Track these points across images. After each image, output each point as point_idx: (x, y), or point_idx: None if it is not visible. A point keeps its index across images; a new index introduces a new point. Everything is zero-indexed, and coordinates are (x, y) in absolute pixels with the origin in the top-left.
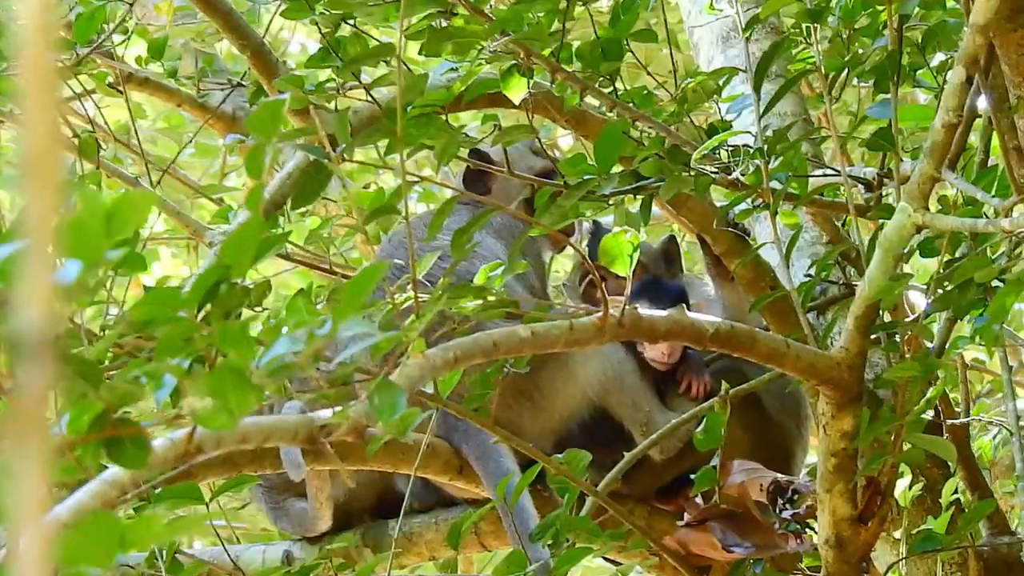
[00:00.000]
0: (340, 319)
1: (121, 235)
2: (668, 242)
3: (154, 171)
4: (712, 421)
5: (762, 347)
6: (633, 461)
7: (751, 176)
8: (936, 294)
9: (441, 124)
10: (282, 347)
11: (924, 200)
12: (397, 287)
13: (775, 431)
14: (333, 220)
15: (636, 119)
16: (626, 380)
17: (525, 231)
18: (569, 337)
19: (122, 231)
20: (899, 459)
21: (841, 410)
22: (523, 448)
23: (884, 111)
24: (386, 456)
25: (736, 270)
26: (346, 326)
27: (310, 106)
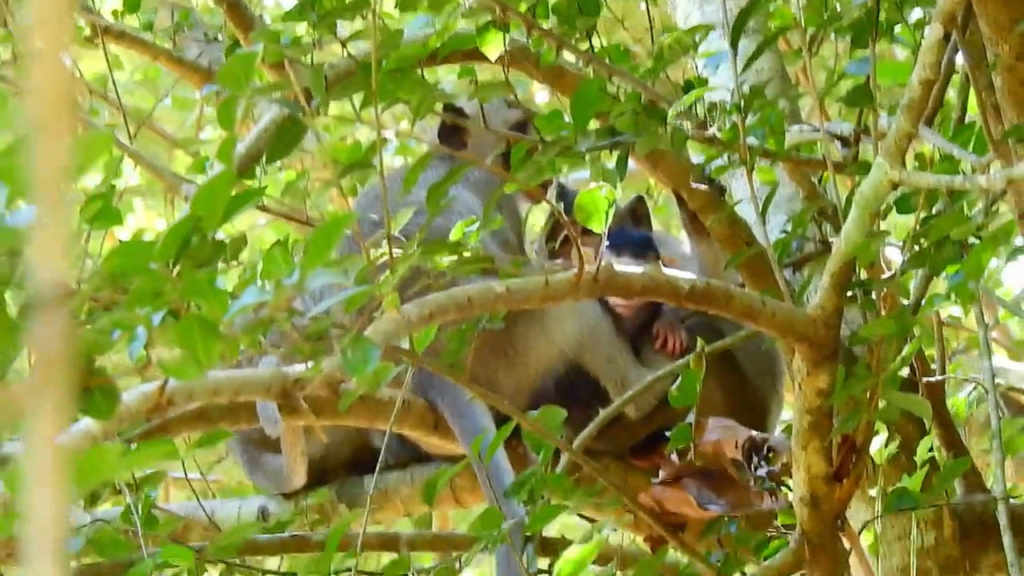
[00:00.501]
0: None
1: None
2: (636, 202)
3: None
4: (687, 378)
5: (738, 304)
6: (608, 418)
7: (728, 132)
8: (912, 251)
9: (417, 79)
10: (250, 297)
11: (901, 157)
12: (372, 242)
13: (750, 388)
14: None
15: (612, 75)
16: (602, 337)
17: (500, 186)
18: (544, 293)
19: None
20: (874, 417)
21: (816, 367)
22: (498, 404)
23: (862, 68)
24: (361, 412)
25: (712, 226)
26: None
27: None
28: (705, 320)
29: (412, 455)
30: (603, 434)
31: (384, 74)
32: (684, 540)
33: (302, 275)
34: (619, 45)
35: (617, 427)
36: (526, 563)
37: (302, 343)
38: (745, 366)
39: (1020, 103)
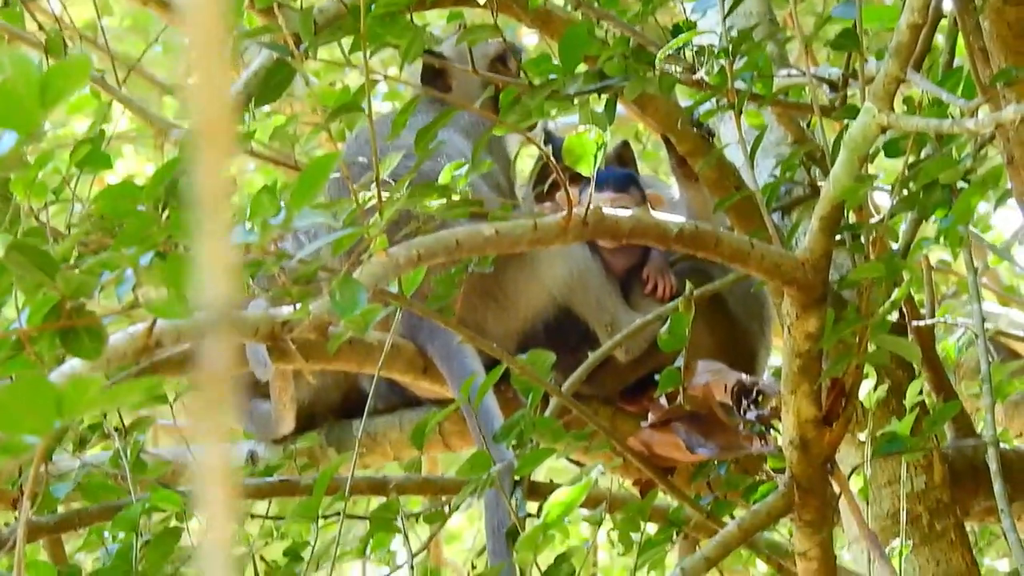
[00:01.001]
0: (294, 208)
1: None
2: (622, 147)
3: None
4: (676, 322)
5: (726, 246)
6: (597, 362)
7: (716, 76)
8: (901, 195)
9: (406, 23)
10: (237, 237)
11: (889, 101)
12: (360, 185)
13: (739, 332)
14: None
15: (601, 18)
16: (591, 280)
17: (488, 130)
18: (533, 236)
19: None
20: (864, 360)
21: (806, 311)
22: (487, 348)
23: (849, 11)
24: (350, 355)
25: (701, 170)
26: (300, 215)
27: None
28: (694, 264)
29: (401, 399)
30: (592, 378)
31: (373, 18)
32: (673, 484)
33: (288, 215)
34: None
35: (606, 371)
36: (515, 506)
37: (290, 285)
38: (734, 310)
39: (1008, 47)
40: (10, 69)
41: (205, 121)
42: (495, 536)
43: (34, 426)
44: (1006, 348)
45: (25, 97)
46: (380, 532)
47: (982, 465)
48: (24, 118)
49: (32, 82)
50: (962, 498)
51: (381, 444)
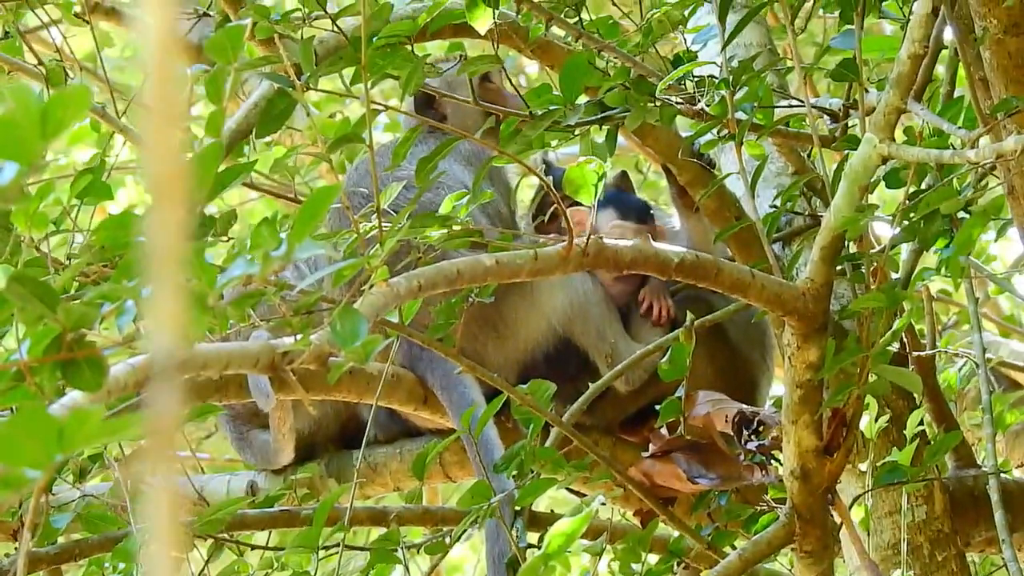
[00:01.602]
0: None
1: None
2: (620, 178)
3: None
4: (677, 352)
5: (727, 277)
6: (598, 392)
7: (716, 107)
8: (902, 225)
9: (406, 54)
10: (238, 269)
11: (890, 131)
12: (361, 216)
13: (740, 362)
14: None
15: (601, 49)
16: (591, 310)
17: (489, 160)
18: (533, 266)
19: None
20: (865, 391)
21: (806, 341)
22: (488, 378)
23: (849, 42)
24: (350, 386)
25: (701, 200)
26: (301, 247)
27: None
28: (695, 293)
29: (401, 429)
30: (593, 408)
31: (374, 49)
32: (674, 514)
33: (290, 246)
34: (608, 19)
35: (607, 401)
36: (516, 537)
37: (291, 316)
38: (735, 340)
39: (1009, 76)
40: (11, 100)
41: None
42: (496, 567)
43: (34, 459)
44: (1007, 378)
45: (26, 128)
46: (381, 563)
47: (983, 495)
48: (25, 149)
49: (33, 113)
50: (963, 528)
51: (381, 474)
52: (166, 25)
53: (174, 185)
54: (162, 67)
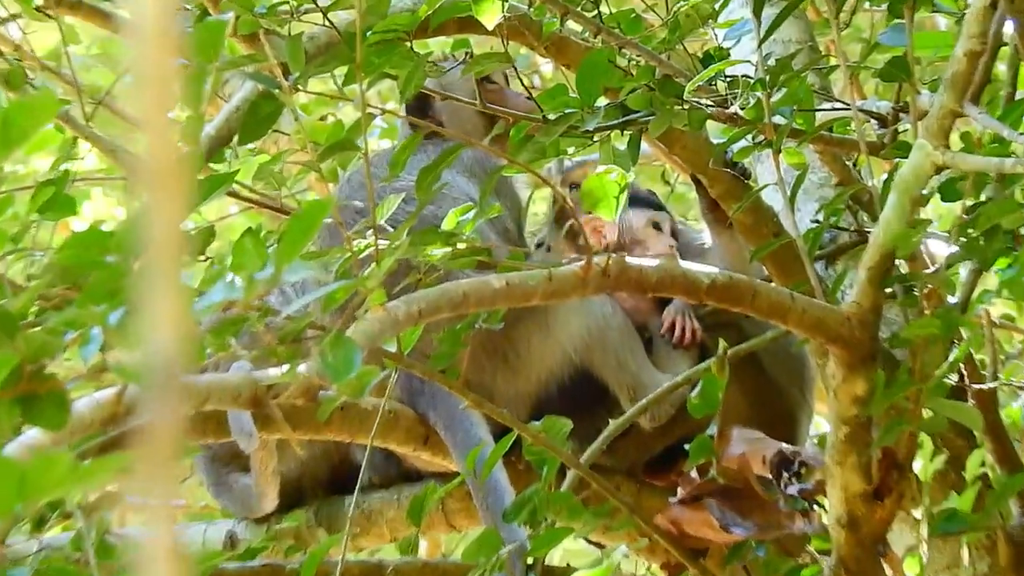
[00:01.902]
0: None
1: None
2: None
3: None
4: (708, 384)
5: (764, 301)
6: (620, 430)
7: (751, 110)
8: (959, 242)
9: (405, 52)
10: (219, 293)
11: (944, 137)
12: (355, 232)
13: (778, 396)
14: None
15: (623, 46)
16: (612, 337)
17: (498, 169)
18: (548, 288)
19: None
20: (919, 428)
21: (853, 372)
22: (496, 414)
23: (899, 38)
24: (342, 423)
25: (735, 215)
26: (290, 268)
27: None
28: (726, 319)
29: (399, 472)
30: (614, 448)
31: (369, 46)
32: (706, 567)
33: (277, 268)
34: (631, 12)
35: (630, 440)
36: None
37: (276, 345)
38: (772, 371)
39: None
40: None
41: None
42: None
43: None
44: None
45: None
46: None
47: None
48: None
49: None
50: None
51: (376, 523)
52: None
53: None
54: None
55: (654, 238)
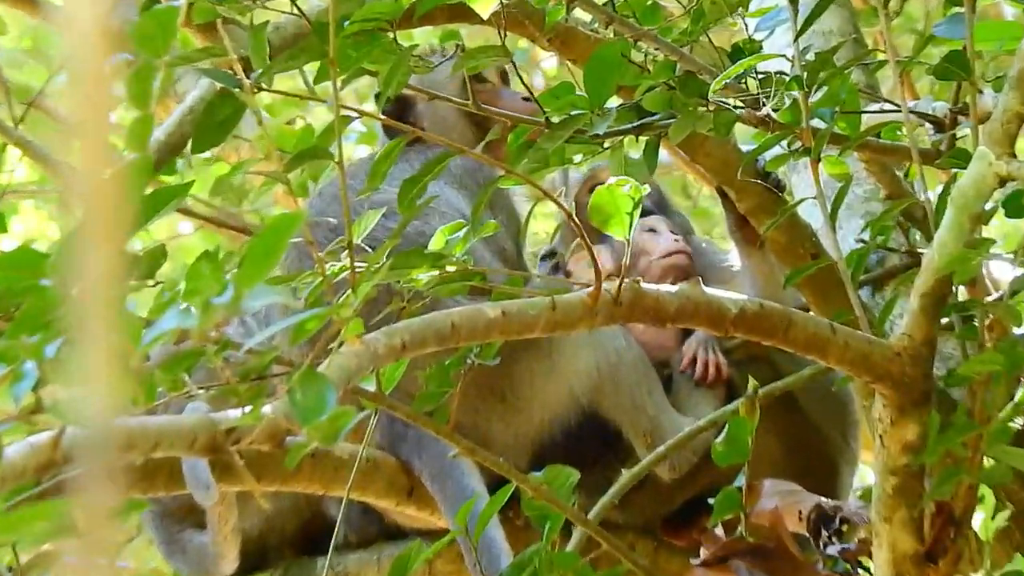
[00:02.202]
0: (245, 285)
1: None
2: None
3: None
4: (736, 429)
5: (800, 332)
6: (634, 481)
7: (786, 113)
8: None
9: (387, 44)
10: (170, 321)
11: (1010, 144)
12: (328, 253)
13: (817, 442)
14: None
15: (638, 38)
16: (625, 375)
17: (493, 181)
18: (551, 319)
19: None
20: (979, 479)
21: (903, 415)
22: (491, 463)
23: (957, 29)
24: (313, 473)
25: (767, 233)
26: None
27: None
28: (758, 353)
29: (379, 529)
30: (628, 501)
31: (344, 38)
32: None
33: (237, 293)
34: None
35: (646, 492)
36: None
37: (237, 383)
38: (810, 413)
39: None
40: None
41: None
42: None
43: None
44: None
45: None
46: None
47: None
48: None
49: None
50: None
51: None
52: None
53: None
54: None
55: (652, 242)
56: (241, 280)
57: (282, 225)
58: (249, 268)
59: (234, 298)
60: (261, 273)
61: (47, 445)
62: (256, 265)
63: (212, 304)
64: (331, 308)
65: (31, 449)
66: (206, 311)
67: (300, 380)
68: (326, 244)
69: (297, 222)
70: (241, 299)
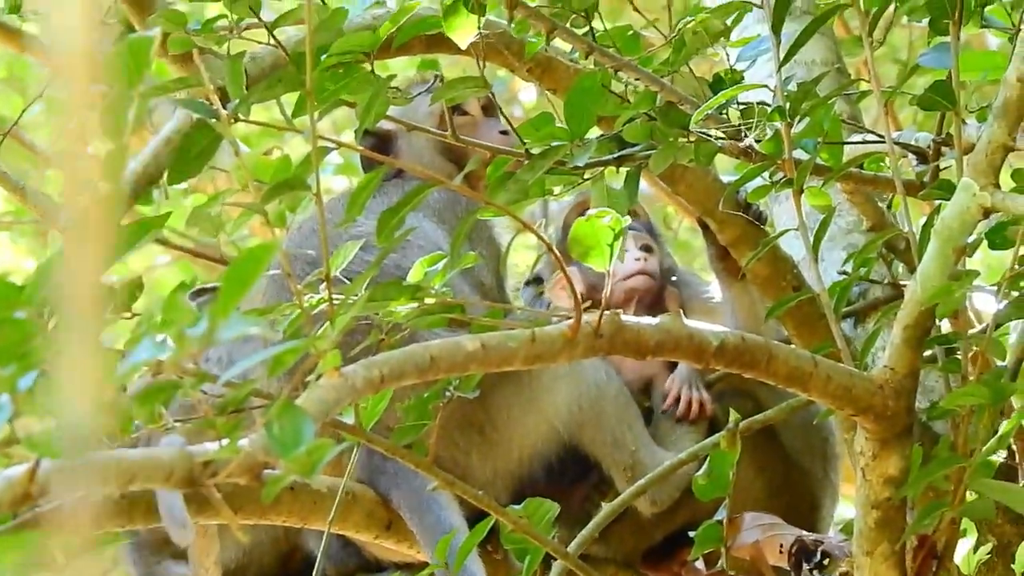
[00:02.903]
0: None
1: None
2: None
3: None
4: (717, 462)
5: (782, 365)
6: (615, 514)
7: (768, 143)
8: (1010, 297)
9: (365, 75)
10: (145, 352)
11: (994, 175)
12: (306, 285)
13: (797, 475)
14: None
15: (619, 68)
16: (606, 409)
17: (473, 213)
18: (531, 351)
19: None
20: (961, 512)
21: (885, 448)
22: (471, 496)
23: (942, 59)
24: (292, 506)
25: (748, 265)
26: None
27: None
28: (739, 385)
29: (358, 563)
30: (608, 535)
31: (322, 69)
32: None
33: (212, 323)
34: (627, 29)
35: (626, 526)
36: None
37: (214, 415)
38: (791, 447)
39: None
40: None
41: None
42: None
43: None
44: None
45: None
46: None
47: None
48: None
49: None
50: None
51: None
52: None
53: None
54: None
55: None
56: (217, 310)
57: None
58: (225, 298)
59: (209, 329)
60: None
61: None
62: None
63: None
64: (308, 340)
65: (6, 482)
66: (181, 342)
67: (277, 413)
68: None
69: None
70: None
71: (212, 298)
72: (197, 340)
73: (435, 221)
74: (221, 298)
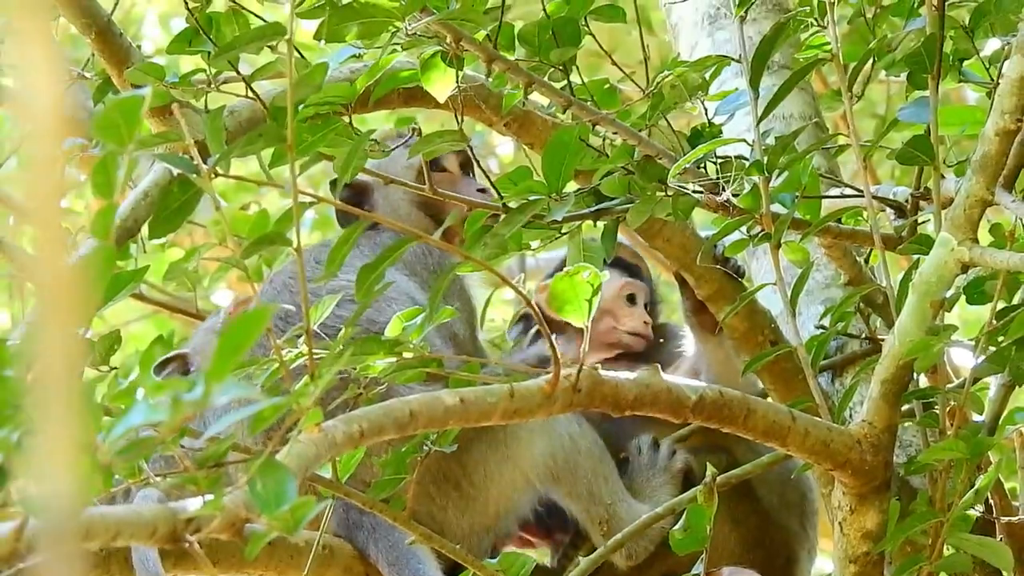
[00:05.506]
0: (214, 380)
1: None
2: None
3: None
4: (694, 516)
5: (760, 420)
6: (591, 568)
7: (746, 197)
8: (987, 353)
9: (343, 128)
10: (139, 416)
11: (972, 229)
12: (285, 340)
13: (774, 530)
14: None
15: (596, 123)
16: (581, 463)
17: (452, 268)
18: (509, 407)
19: None
20: (939, 567)
21: (863, 503)
22: (448, 550)
23: (921, 114)
24: (269, 560)
25: (726, 320)
26: (223, 388)
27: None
28: (716, 440)
29: None
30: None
31: (301, 122)
32: None
33: (207, 388)
34: (605, 82)
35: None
36: None
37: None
38: (768, 501)
39: None
40: None
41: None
42: None
43: None
44: None
45: None
46: None
47: None
48: None
49: None
50: None
51: None
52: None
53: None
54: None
55: (625, 310)
56: (211, 375)
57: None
58: (218, 363)
59: (204, 394)
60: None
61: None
62: (225, 359)
63: (182, 400)
64: (291, 397)
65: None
66: (175, 407)
67: (260, 469)
68: (279, 331)
69: (265, 318)
70: (211, 394)
71: (176, 369)
72: (192, 404)
73: (406, 273)
74: (215, 361)
